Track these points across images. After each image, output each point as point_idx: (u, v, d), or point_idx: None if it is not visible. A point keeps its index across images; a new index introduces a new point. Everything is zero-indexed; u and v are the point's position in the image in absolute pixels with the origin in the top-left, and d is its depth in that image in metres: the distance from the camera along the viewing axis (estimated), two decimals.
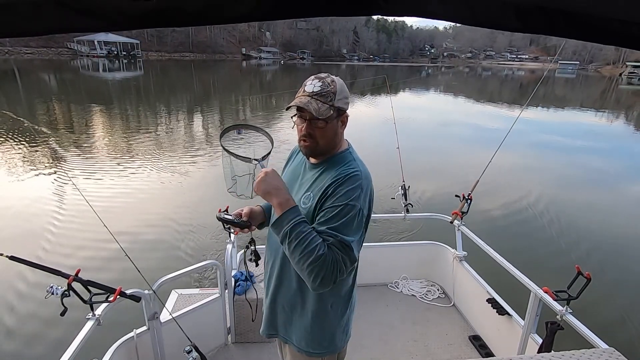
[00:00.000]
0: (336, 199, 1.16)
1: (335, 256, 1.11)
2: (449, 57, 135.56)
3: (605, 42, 0.73)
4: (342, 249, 1.12)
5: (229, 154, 2.82)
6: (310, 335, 1.33)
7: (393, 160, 3.75)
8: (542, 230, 5.89)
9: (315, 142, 1.24)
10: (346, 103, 1.25)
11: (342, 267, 1.12)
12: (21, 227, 5.28)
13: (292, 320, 1.35)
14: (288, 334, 1.37)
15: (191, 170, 8.08)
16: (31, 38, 49.88)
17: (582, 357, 1.53)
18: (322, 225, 1.15)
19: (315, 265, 1.08)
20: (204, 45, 78.70)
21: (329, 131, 1.23)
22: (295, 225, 1.12)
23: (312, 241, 1.10)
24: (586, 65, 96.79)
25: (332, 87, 1.20)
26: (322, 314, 1.31)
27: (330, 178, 1.21)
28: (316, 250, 1.09)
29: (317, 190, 1.22)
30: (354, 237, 1.15)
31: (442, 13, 0.75)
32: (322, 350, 1.34)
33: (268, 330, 1.43)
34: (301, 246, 1.09)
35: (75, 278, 1.76)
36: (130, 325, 2.16)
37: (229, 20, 0.73)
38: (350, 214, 1.14)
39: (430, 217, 3.32)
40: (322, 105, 1.18)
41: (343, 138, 1.32)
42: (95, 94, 21.96)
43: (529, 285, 2.18)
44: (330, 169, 1.25)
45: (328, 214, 1.15)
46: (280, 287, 1.35)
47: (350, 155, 1.29)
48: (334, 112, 1.21)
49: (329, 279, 1.10)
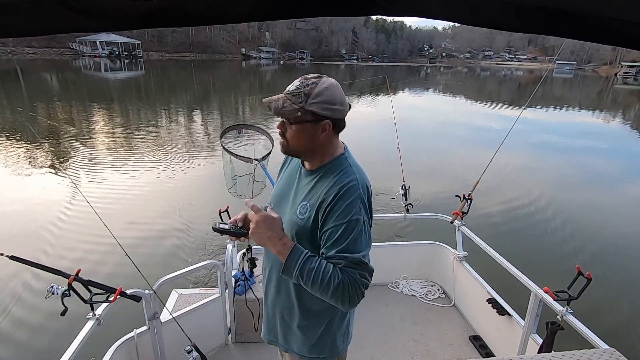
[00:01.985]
0: (337, 217, 1.12)
1: (352, 276, 1.09)
2: (447, 57, 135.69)
3: (605, 42, 0.73)
4: (355, 268, 1.10)
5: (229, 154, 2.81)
6: (311, 342, 1.31)
7: (393, 160, 3.75)
8: (542, 230, 5.90)
9: (286, 141, 1.21)
10: (327, 109, 1.15)
11: (363, 281, 1.10)
12: (21, 226, 5.27)
13: (291, 329, 1.33)
14: (288, 343, 1.36)
15: (192, 170, 8.09)
16: (34, 38, 50.50)
17: (582, 357, 1.53)
18: (330, 249, 1.12)
19: (337, 294, 1.08)
20: (204, 46, 78.78)
21: (299, 133, 1.17)
22: (302, 266, 1.10)
23: (325, 273, 1.08)
24: (584, 65, 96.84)
25: (308, 88, 1.14)
26: (322, 322, 1.30)
27: (326, 187, 1.16)
28: (332, 281, 1.08)
29: (315, 200, 1.18)
30: (365, 251, 1.13)
31: (441, 13, 0.75)
32: (325, 355, 1.33)
33: (269, 336, 1.42)
34: (317, 283, 1.09)
35: (76, 278, 1.76)
36: (130, 325, 2.16)
37: (228, 21, 0.73)
38: (355, 230, 1.11)
39: (430, 217, 3.31)
40: (289, 105, 1.13)
41: (332, 145, 1.24)
42: (97, 93, 22.04)
43: (529, 285, 2.18)
44: (326, 177, 1.20)
45: (333, 235, 1.12)
46: (279, 297, 1.33)
47: (346, 161, 1.23)
48: (305, 115, 1.14)
49: (355, 297, 1.10)
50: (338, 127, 1.22)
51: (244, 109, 19.28)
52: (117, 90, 24.92)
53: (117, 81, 30.86)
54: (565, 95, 34.48)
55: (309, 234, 1.18)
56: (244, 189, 3.06)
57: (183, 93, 23.87)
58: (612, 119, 20.41)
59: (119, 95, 22.03)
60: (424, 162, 9.32)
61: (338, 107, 1.17)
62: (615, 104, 29.39)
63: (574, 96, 34.71)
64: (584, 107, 24.84)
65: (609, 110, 24.74)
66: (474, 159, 9.07)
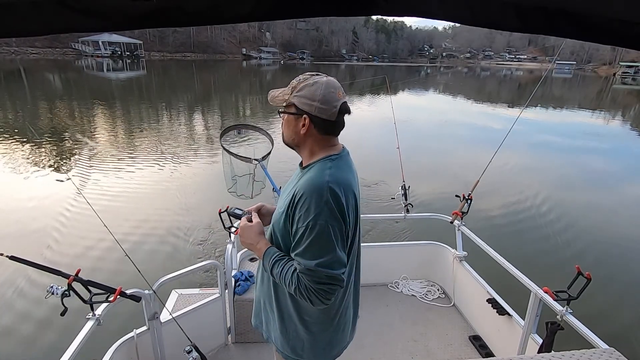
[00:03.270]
0: (298, 219, 1.12)
1: (305, 283, 1.11)
2: (447, 57, 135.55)
3: (605, 42, 0.73)
4: (308, 274, 1.10)
5: (229, 154, 2.81)
6: (283, 338, 1.32)
7: (393, 160, 3.74)
8: (542, 230, 5.90)
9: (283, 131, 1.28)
10: (305, 104, 1.16)
11: (317, 287, 1.10)
12: (21, 226, 5.27)
13: (269, 318, 1.37)
14: (269, 332, 1.39)
15: (192, 170, 8.09)
16: (37, 38, 51.22)
17: (582, 357, 1.52)
18: (292, 251, 1.17)
19: (298, 295, 1.15)
20: (204, 46, 78.87)
21: (286, 124, 1.25)
22: (271, 269, 1.21)
23: (285, 278, 1.16)
24: (583, 65, 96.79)
25: (298, 82, 1.20)
26: (289, 321, 1.29)
27: (297, 186, 1.16)
28: (291, 285, 1.15)
29: (289, 197, 1.18)
30: (323, 258, 1.09)
31: (441, 13, 0.75)
32: (297, 357, 1.32)
33: (255, 321, 1.47)
34: (283, 284, 1.19)
35: (76, 278, 1.76)
36: (130, 325, 2.16)
37: (228, 21, 0.73)
38: (312, 235, 1.09)
39: (430, 217, 3.31)
40: (280, 95, 1.22)
41: (318, 144, 1.22)
42: (99, 93, 22.11)
43: (529, 285, 2.18)
44: (305, 177, 1.19)
45: (295, 237, 1.15)
46: (262, 284, 1.38)
47: (330, 162, 1.18)
48: (289, 107, 1.21)
49: (317, 301, 1.13)
50: (321, 127, 1.19)
51: (244, 109, 19.28)
52: (119, 90, 24.98)
53: (120, 81, 30.98)
54: (565, 95, 34.49)
55: (282, 229, 1.22)
56: (244, 189, 3.05)
57: (184, 93, 23.89)
58: (612, 119, 20.41)
59: (121, 95, 22.08)
60: (424, 162, 9.32)
61: (317, 104, 1.15)
62: (614, 103, 29.41)
63: (573, 96, 34.73)
64: (583, 108, 24.85)
65: (608, 110, 24.75)
66: (474, 159, 9.07)
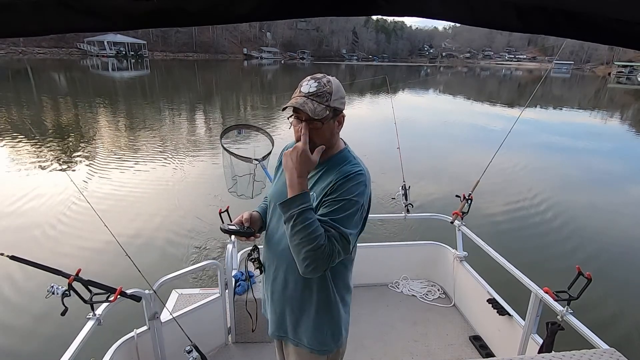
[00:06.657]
0: (341, 193, 1.19)
1: (333, 247, 1.15)
2: (447, 57, 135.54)
3: (604, 42, 0.73)
4: (340, 241, 1.16)
5: (230, 154, 2.81)
6: (317, 333, 1.34)
7: (393, 160, 3.74)
8: (542, 230, 5.89)
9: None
10: (342, 103, 1.26)
11: (335, 257, 1.17)
12: (21, 226, 5.27)
13: (300, 322, 1.35)
14: (298, 337, 1.37)
15: (193, 170, 8.08)
16: (43, 38, 52.21)
17: (582, 357, 1.53)
18: (325, 215, 1.18)
19: (312, 253, 1.12)
20: (206, 46, 79.07)
21: (325, 131, 1.24)
22: (303, 211, 1.14)
23: (316, 230, 1.13)
24: (582, 65, 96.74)
25: (327, 87, 1.21)
26: (330, 308, 1.33)
27: (335, 175, 1.23)
28: (317, 239, 1.12)
29: (321, 189, 1.24)
30: (353, 230, 1.20)
31: (441, 13, 0.75)
32: (330, 347, 1.37)
33: (278, 332, 1.43)
34: (304, 232, 1.12)
35: (76, 278, 1.76)
36: (130, 325, 2.16)
37: (229, 21, 0.73)
38: (353, 208, 1.18)
39: (430, 217, 3.31)
40: (318, 106, 1.19)
41: (339, 137, 1.34)
42: (104, 91, 22.26)
43: (530, 285, 2.18)
44: (332, 170, 1.26)
45: (332, 206, 1.18)
46: (286, 290, 1.35)
47: (350, 154, 1.31)
48: (330, 113, 1.22)
49: (321, 268, 1.15)
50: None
51: (245, 108, 19.28)
52: (124, 89, 25.11)
53: (124, 80, 31.21)
54: (563, 95, 34.50)
55: None
56: (244, 189, 3.06)
57: (187, 92, 23.95)
58: (609, 118, 20.42)
59: (125, 94, 22.17)
60: (425, 162, 9.32)
61: (344, 99, 1.28)
62: (612, 102, 29.43)
63: (572, 96, 34.74)
64: (582, 107, 24.86)
65: (606, 109, 24.76)
66: (474, 159, 9.06)
